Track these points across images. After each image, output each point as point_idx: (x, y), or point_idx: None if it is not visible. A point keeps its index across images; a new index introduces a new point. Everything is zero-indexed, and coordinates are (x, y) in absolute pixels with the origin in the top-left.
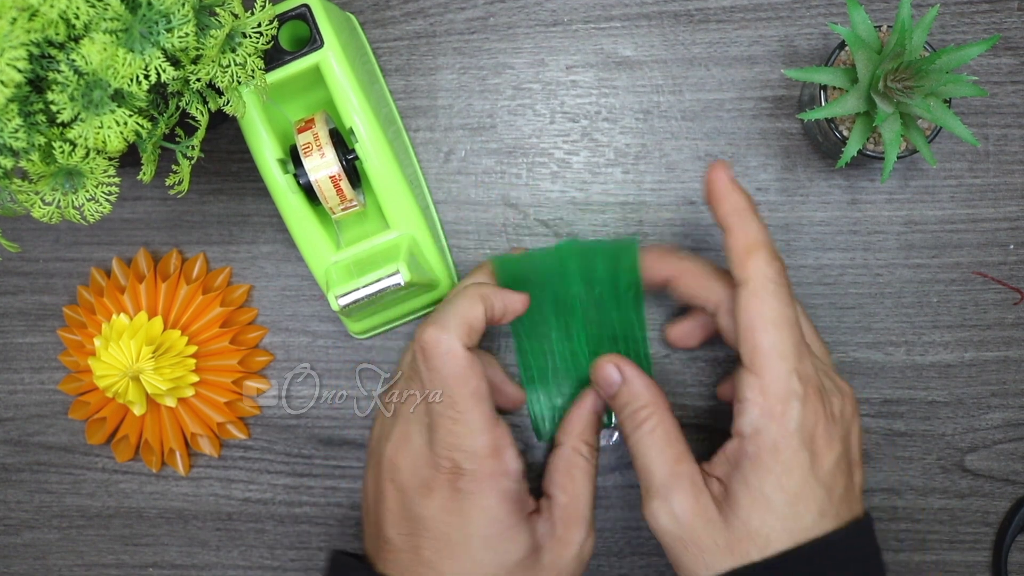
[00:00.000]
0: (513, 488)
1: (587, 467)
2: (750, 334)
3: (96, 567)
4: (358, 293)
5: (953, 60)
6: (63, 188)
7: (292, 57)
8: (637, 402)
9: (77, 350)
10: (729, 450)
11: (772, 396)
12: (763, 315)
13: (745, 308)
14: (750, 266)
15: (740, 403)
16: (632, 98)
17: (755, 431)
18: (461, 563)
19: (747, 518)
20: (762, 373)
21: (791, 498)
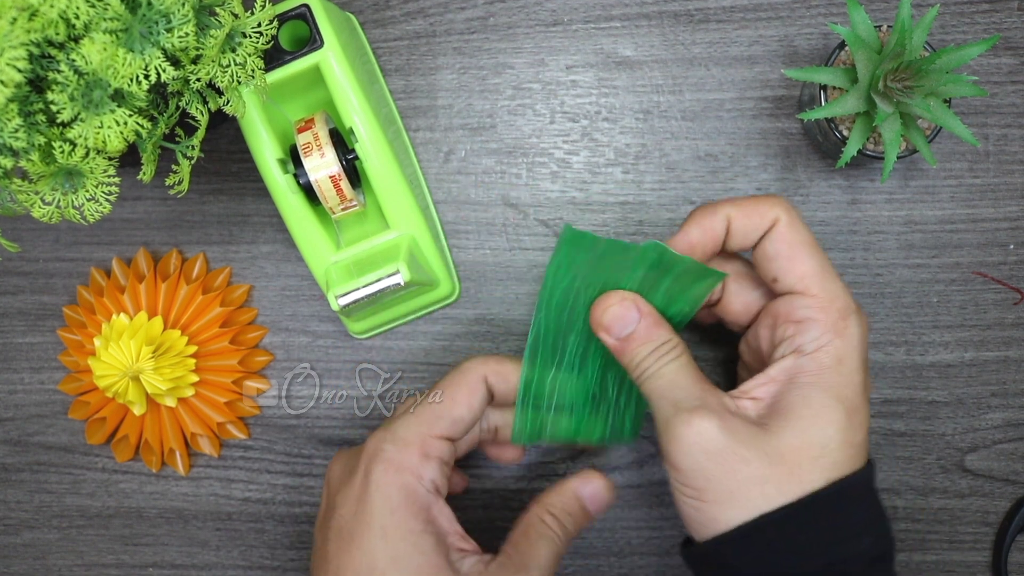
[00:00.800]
0: (422, 493)
1: (547, 532)
2: (796, 258)
3: (96, 567)
4: (358, 293)
5: (953, 60)
6: (63, 188)
7: (292, 57)
8: (660, 338)
9: (77, 350)
10: (778, 370)
11: (834, 312)
12: (804, 240)
13: (783, 236)
14: (775, 207)
15: (799, 323)
16: (632, 98)
17: (818, 347)
18: (355, 556)
19: (806, 428)
20: (818, 292)
21: (849, 410)
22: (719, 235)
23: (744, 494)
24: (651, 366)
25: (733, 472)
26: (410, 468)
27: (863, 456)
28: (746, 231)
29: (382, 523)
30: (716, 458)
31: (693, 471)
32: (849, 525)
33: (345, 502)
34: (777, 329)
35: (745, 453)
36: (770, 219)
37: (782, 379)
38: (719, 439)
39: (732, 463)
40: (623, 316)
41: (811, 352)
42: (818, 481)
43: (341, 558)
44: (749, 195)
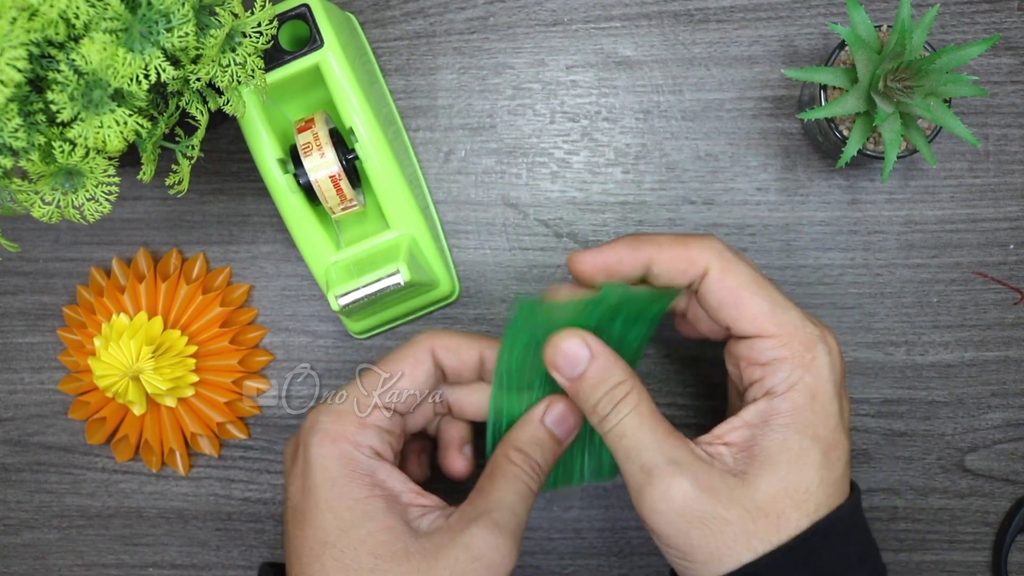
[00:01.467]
0: (361, 460)
1: (513, 470)
2: (741, 303)
3: (96, 567)
4: (358, 293)
5: (953, 60)
6: (63, 188)
7: (292, 57)
8: (613, 379)
9: (77, 350)
10: (752, 414)
11: (798, 346)
12: (744, 281)
13: (720, 284)
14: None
15: (766, 365)
16: (632, 98)
17: (789, 386)
18: (307, 533)
19: (785, 475)
20: (776, 330)
21: (826, 448)
22: (633, 274)
23: (729, 552)
24: (608, 415)
25: (717, 535)
26: (346, 436)
27: (844, 486)
28: (671, 275)
29: (325, 496)
30: (698, 525)
31: (675, 538)
32: (839, 561)
33: (293, 481)
34: (744, 371)
35: (725, 514)
36: (700, 267)
37: (756, 422)
38: (698, 504)
39: (716, 527)
40: (573, 355)
41: (783, 393)
42: (802, 524)
43: (297, 536)
44: (678, 235)
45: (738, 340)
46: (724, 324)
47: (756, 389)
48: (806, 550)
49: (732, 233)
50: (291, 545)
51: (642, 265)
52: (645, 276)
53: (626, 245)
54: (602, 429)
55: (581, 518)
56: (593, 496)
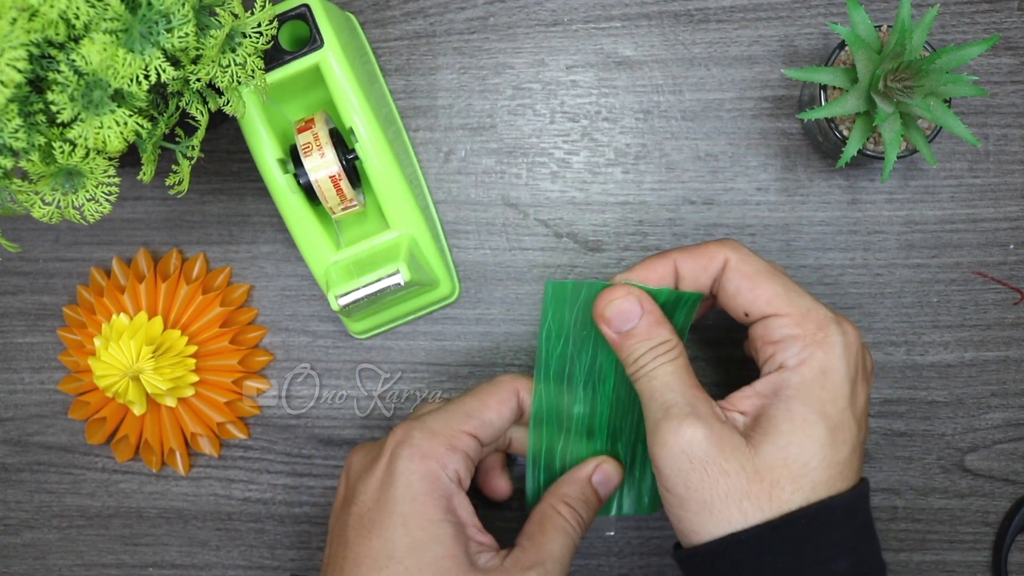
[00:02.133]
0: (444, 482)
1: (562, 524)
2: (757, 287)
3: (96, 567)
4: (358, 293)
5: (953, 60)
6: (63, 188)
7: (292, 57)
8: (659, 336)
9: (77, 350)
10: (764, 384)
11: (811, 324)
12: (759, 269)
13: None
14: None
15: (778, 343)
16: (632, 98)
17: (801, 360)
18: (374, 543)
19: (786, 444)
20: (790, 310)
21: (832, 427)
22: (667, 280)
23: (721, 507)
24: (647, 364)
25: (713, 484)
26: (435, 456)
27: (851, 475)
28: (695, 274)
29: (403, 510)
30: (698, 467)
31: (675, 477)
32: (824, 548)
33: (367, 490)
34: (760, 350)
35: (726, 466)
36: (720, 260)
37: (767, 393)
38: (704, 448)
39: (713, 474)
40: (626, 311)
41: (794, 366)
42: (796, 501)
43: (361, 545)
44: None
45: (755, 323)
46: (742, 309)
47: (769, 365)
48: (790, 530)
49: (732, 233)
50: (350, 552)
51: (672, 270)
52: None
53: (654, 258)
54: (637, 376)
55: None
56: None
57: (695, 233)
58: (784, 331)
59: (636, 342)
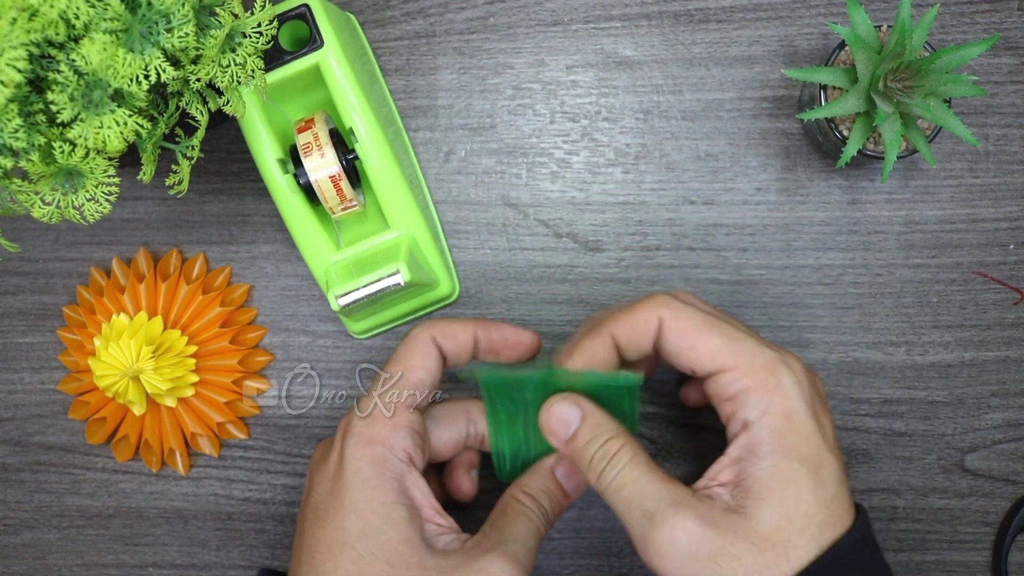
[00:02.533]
0: (393, 463)
1: (523, 510)
2: (697, 344)
3: (96, 567)
4: (358, 293)
5: (953, 60)
6: (63, 188)
7: (292, 57)
8: (604, 434)
9: (77, 350)
10: (736, 448)
11: (760, 371)
12: (696, 324)
13: (675, 331)
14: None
15: (734, 399)
16: (632, 98)
17: (762, 412)
18: (327, 531)
19: (781, 502)
20: (735, 362)
21: (814, 468)
22: (610, 356)
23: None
24: (604, 469)
25: (728, 573)
26: (380, 439)
27: (847, 506)
28: (635, 342)
29: (353, 497)
30: (709, 564)
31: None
32: None
33: (321, 481)
34: (720, 408)
35: (733, 550)
36: (654, 322)
37: (741, 456)
38: (707, 542)
39: (724, 564)
40: (565, 415)
41: (757, 419)
42: (811, 551)
43: (315, 534)
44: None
45: (705, 380)
46: (687, 368)
47: (734, 424)
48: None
49: (732, 233)
50: (305, 542)
51: (610, 344)
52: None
53: (590, 335)
54: (601, 486)
55: (581, 518)
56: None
57: (695, 233)
58: (735, 385)
59: (582, 445)
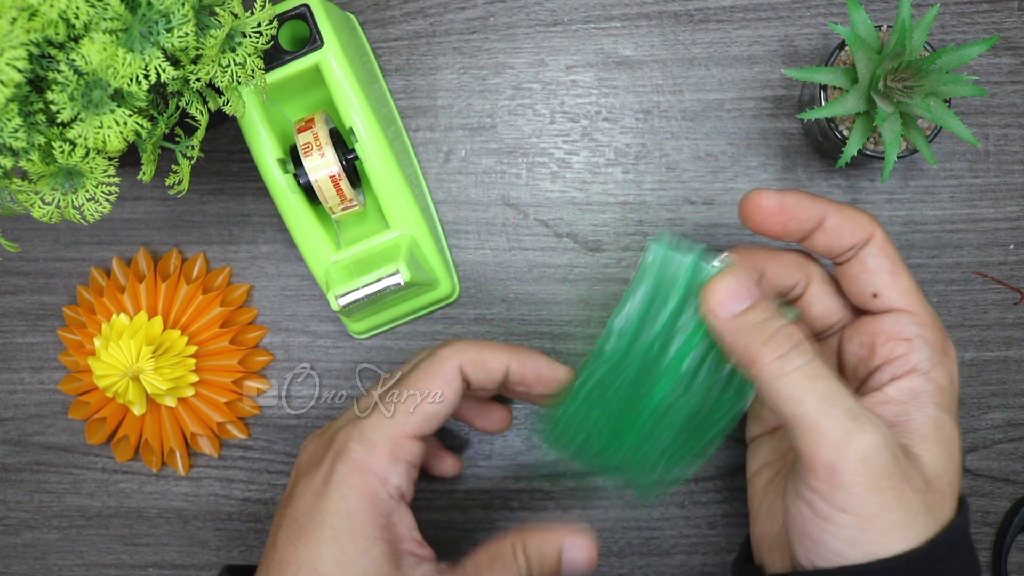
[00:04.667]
0: (384, 499)
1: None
2: (898, 274)
3: (96, 567)
4: (358, 293)
5: (953, 60)
6: (63, 188)
7: (292, 57)
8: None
9: (77, 350)
10: (899, 390)
11: (939, 331)
12: (901, 259)
13: (884, 250)
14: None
15: (910, 341)
16: (632, 98)
17: (933, 366)
18: (301, 552)
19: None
20: (922, 310)
21: (959, 439)
22: (812, 218)
23: (914, 522)
24: (790, 354)
25: (908, 501)
26: (376, 472)
27: None
28: (840, 233)
29: (335, 524)
30: (896, 484)
31: (867, 495)
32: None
33: (304, 493)
34: (881, 347)
35: (914, 480)
36: (868, 230)
37: (904, 399)
38: (897, 462)
39: (905, 491)
40: (739, 287)
41: (928, 371)
42: (952, 509)
43: (288, 550)
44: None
45: (878, 316)
46: (873, 290)
47: (899, 365)
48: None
49: (732, 233)
50: (276, 554)
51: (818, 217)
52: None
53: (806, 195)
54: (781, 367)
55: (581, 518)
56: (593, 496)
57: (695, 233)
58: (917, 330)
59: (758, 320)
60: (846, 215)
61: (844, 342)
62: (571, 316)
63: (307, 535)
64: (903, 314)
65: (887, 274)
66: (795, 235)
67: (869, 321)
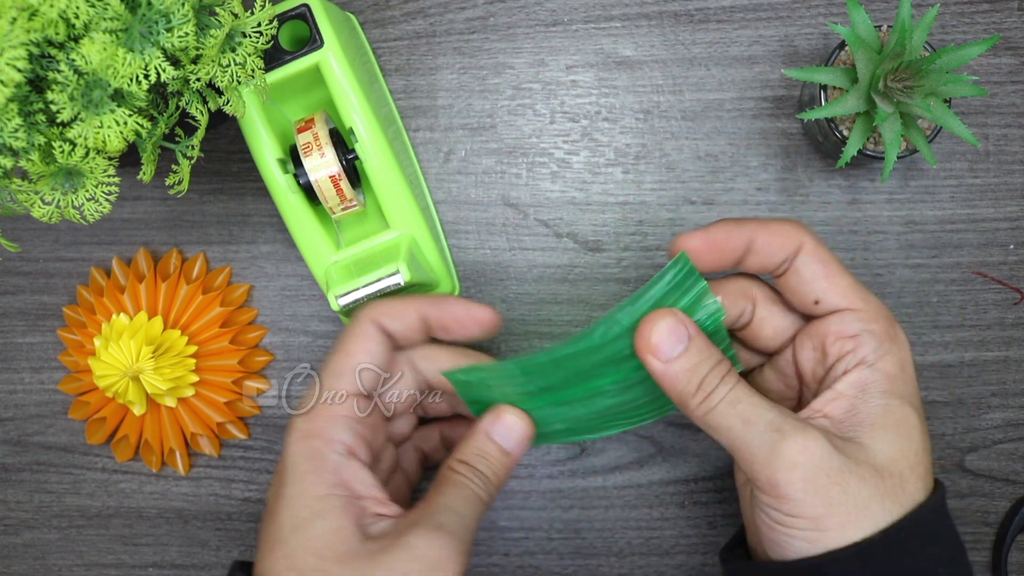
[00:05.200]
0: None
1: (459, 479)
2: (833, 276)
3: (96, 567)
4: (358, 293)
5: (953, 60)
6: (63, 188)
7: (292, 57)
8: (715, 355)
9: (77, 350)
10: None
11: (884, 320)
12: (833, 259)
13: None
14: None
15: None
16: (632, 98)
17: (881, 355)
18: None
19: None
20: (863, 305)
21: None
22: (740, 246)
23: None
24: (717, 388)
25: (854, 493)
26: (317, 433)
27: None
28: (770, 250)
29: (289, 492)
30: (836, 479)
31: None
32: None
33: (273, 478)
34: (830, 348)
35: (858, 470)
36: (796, 241)
37: (852, 393)
38: (832, 457)
39: (851, 483)
40: (674, 331)
41: (875, 363)
42: (920, 491)
43: (262, 532)
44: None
45: (823, 318)
46: (814, 296)
47: (847, 360)
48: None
49: None
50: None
51: (746, 241)
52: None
53: (731, 223)
54: (707, 405)
55: (581, 518)
56: (593, 496)
57: None
58: (860, 326)
59: (692, 363)
60: (771, 230)
61: (797, 349)
62: (571, 316)
63: (272, 512)
64: (846, 313)
65: (823, 279)
66: (729, 264)
67: (816, 324)
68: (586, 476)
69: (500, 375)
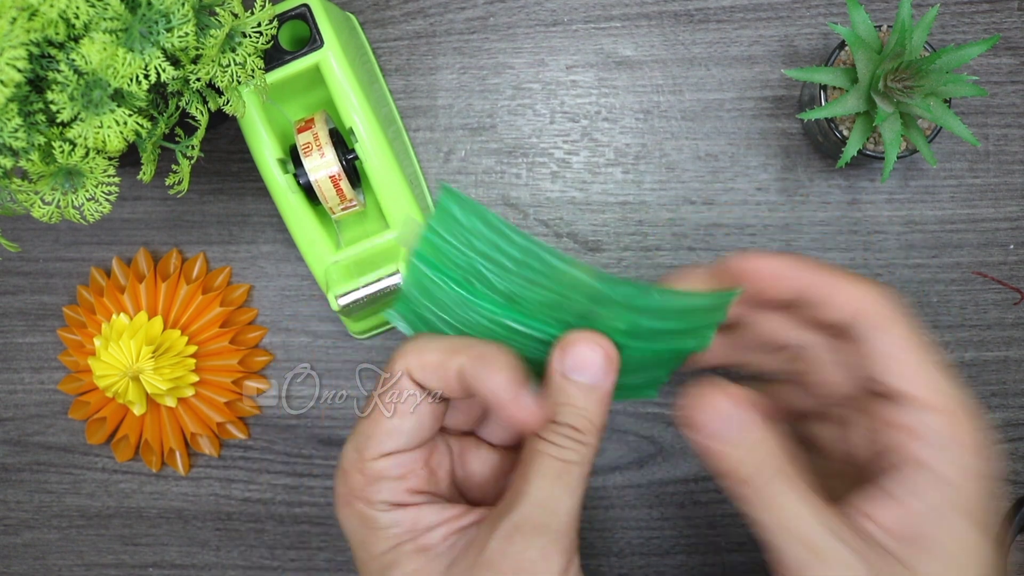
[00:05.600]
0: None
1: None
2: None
3: (96, 567)
4: (358, 293)
5: (953, 60)
6: (63, 188)
7: (292, 57)
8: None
9: (77, 350)
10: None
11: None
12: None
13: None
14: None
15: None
16: (632, 98)
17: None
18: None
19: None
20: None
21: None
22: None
23: None
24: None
25: None
26: (356, 495)
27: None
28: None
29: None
30: None
31: None
32: None
33: None
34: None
35: None
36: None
37: (909, 500)
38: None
39: None
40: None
41: (941, 468)
42: None
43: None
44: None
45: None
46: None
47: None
48: None
49: (732, 233)
50: None
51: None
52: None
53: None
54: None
55: (581, 518)
56: (593, 496)
57: (695, 233)
58: (934, 425)
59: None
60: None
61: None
62: None
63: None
64: (909, 407)
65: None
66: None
67: (880, 406)
68: None
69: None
